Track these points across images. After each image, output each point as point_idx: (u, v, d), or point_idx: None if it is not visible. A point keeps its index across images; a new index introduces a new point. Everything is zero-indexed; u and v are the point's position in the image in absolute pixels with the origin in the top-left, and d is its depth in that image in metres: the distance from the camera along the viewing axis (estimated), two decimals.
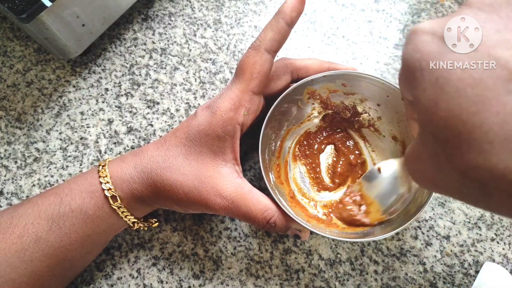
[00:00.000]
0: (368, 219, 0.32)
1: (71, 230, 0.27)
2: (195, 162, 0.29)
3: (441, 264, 0.33)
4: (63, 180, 0.36)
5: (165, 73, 0.41)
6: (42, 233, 0.27)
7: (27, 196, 0.35)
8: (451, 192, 0.18)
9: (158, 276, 0.33)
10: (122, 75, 0.40)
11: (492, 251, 0.34)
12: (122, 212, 0.29)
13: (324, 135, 0.37)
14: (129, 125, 0.38)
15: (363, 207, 0.32)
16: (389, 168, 0.31)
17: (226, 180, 0.29)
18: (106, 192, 0.28)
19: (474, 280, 0.33)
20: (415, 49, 0.18)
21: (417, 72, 0.17)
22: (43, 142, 0.37)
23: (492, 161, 0.14)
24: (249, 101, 0.29)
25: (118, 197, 0.28)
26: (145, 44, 0.42)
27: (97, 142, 0.38)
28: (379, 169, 0.31)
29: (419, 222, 0.35)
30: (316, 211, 0.34)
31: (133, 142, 0.38)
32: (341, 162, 0.36)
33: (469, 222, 0.35)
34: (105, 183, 0.28)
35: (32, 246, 0.26)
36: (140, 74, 0.40)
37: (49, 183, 0.36)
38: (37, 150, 0.37)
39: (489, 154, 0.14)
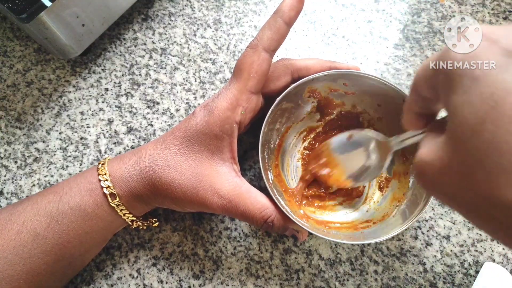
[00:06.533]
0: (332, 181, 0.33)
1: (69, 228, 0.27)
2: (192, 161, 0.29)
3: (441, 264, 0.33)
4: (63, 180, 0.36)
5: (165, 73, 0.41)
6: (41, 230, 0.27)
7: (27, 196, 0.35)
8: (461, 210, 0.17)
9: (158, 276, 0.33)
10: (122, 75, 0.40)
11: (492, 251, 0.34)
12: (121, 210, 0.29)
13: (323, 135, 0.37)
14: (129, 125, 0.38)
15: (326, 170, 0.34)
16: (360, 138, 0.32)
17: (224, 179, 0.29)
18: (105, 190, 0.28)
19: (474, 280, 0.33)
20: (473, 53, 0.15)
21: (467, 79, 0.15)
22: (43, 142, 0.38)
23: None
24: (246, 100, 0.29)
25: (116, 195, 0.28)
26: (145, 44, 0.42)
27: (97, 142, 0.38)
28: (350, 137, 0.32)
29: (419, 222, 0.35)
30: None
31: (133, 142, 0.38)
32: None
33: (469, 222, 0.35)
34: (104, 181, 0.28)
35: (30, 242, 0.26)
36: (140, 74, 0.41)
37: (49, 183, 0.36)
38: (37, 150, 0.37)
39: None
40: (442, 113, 0.22)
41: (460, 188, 0.16)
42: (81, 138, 0.38)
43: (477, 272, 0.33)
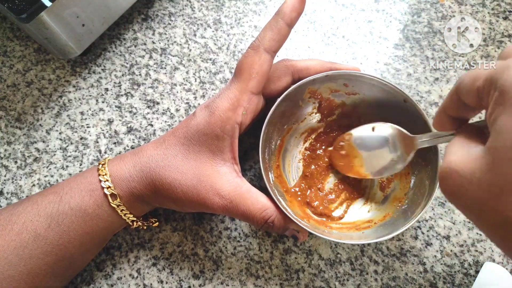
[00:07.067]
0: (352, 173, 0.34)
1: (70, 228, 0.27)
2: (193, 161, 0.29)
3: (441, 264, 0.33)
4: (63, 180, 0.36)
5: (165, 73, 0.41)
6: (41, 231, 0.27)
7: (26, 196, 0.35)
8: (480, 224, 0.18)
9: (158, 276, 0.33)
10: (122, 75, 0.40)
11: (492, 251, 0.34)
12: (121, 211, 0.29)
13: (324, 136, 0.37)
14: (129, 125, 0.38)
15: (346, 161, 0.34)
16: (383, 130, 0.32)
17: (225, 179, 0.29)
18: (105, 190, 0.28)
19: (474, 280, 0.33)
20: None
21: None
22: (43, 142, 0.38)
23: None
24: (247, 101, 0.29)
25: (117, 195, 0.28)
26: (145, 44, 0.42)
27: (97, 142, 0.38)
28: (373, 128, 0.32)
29: (419, 222, 0.35)
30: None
31: (133, 142, 0.38)
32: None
33: (469, 222, 0.35)
34: (105, 181, 0.28)
35: (31, 243, 0.26)
36: (140, 74, 0.40)
37: (49, 183, 0.36)
38: (37, 150, 0.37)
39: None
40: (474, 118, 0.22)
41: (486, 204, 0.16)
42: (81, 138, 0.38)
43: (477, 272, 0.33)
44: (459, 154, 0.18)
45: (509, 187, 0.15)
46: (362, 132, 0.33)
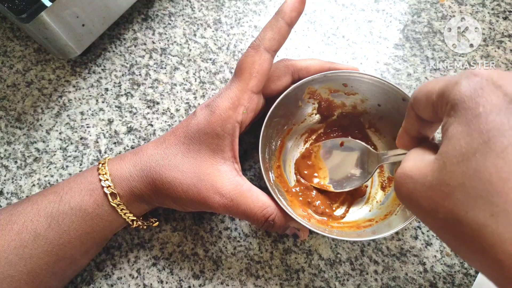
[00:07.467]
0: (313, 183, 0.35)
1: (70, 228, 0.27)
2: (194, 160, 0.29)
3: (441, 264, 0.33)
4: (63, 180, 0.36)
5: (165, 73, 0.41)
6: (41, 230, 0.27)
7: (27, 196, 0.35)
8: (431, 225, 0.19)
9: (158, 276, 0.33)
10: (122, 75, 0.40)
11: None
12: (122, 210, 0.29)
13: (325, 137, 0.37)
14: (129, 125, 0.38)
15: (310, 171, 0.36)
16: (351, 146, 0.34)
17: (225, 178, 0.29)
18: (105, 190, 0.28)
19: (474, 280, 0.33)
20: (480, 92, 0.16)
21: (470, 114, 0.16)
22: (43, 142, 0.38)
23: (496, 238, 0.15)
24: (248, 100, 0.29)
25: (117, 195, 0.28)
26: (145, 44, 0.42)
27: (97, 142, 0.38)
28: (341, 143, 0.34)
29: (419, 222, 0.35)
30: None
31: (133, 142, 0.38)
32: None
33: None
34: (105, 181, 0.28)
35: (31, 243, 0.26)
36: (140, 74, 0.41)
37: (49, 183, 0.36)
38: (37, 150, 0.37)
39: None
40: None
41: (435, 205, 0.17)
42: (81, 138, 0.38)
43: (477, 272, 0.33)
44: (413, 161, 0.19)
45: (457, 187, 0.16)
46: (330, 145, 0.35)
